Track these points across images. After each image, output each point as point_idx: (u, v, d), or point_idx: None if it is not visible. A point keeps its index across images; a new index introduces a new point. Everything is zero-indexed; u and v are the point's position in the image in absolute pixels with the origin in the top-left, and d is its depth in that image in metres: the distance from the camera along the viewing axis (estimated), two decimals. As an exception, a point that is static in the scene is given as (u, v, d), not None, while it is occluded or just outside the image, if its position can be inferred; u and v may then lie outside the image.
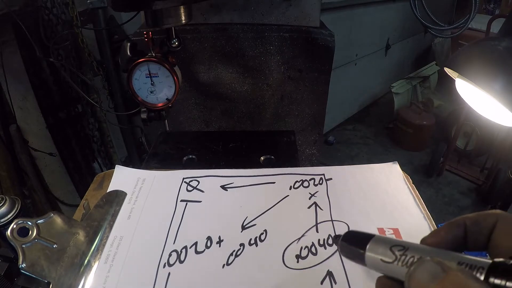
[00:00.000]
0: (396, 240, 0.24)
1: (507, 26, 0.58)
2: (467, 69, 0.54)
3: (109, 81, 1.52)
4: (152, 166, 0.60)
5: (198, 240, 0.42)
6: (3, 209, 0.40)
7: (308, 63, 0.90)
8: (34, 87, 1.34)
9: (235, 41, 0.87)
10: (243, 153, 0.63)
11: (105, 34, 1.42)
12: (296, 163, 0.60)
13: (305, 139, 1.03)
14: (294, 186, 0.51)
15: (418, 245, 0.24)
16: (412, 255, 0.22)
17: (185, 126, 1.01)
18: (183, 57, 0.88)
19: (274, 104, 0.97)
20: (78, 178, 1.63)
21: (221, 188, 0.51)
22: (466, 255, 0.20)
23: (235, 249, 0.41)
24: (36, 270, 0.36)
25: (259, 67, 0.91)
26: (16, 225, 0.37)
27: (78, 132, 1.60)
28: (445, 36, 1.03)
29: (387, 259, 0.24)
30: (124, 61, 0.58)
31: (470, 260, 0.19)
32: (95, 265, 0.39)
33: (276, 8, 0.86)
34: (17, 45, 1.26)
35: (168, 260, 0.40)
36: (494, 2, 3.21)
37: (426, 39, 3.38)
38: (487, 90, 0.51)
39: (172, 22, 0.52)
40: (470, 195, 2.13)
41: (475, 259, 0.19)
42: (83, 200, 0.48)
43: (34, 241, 0.38)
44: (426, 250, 0.23)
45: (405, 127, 2.51)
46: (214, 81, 0.93)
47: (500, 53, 0.52)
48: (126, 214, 0.46)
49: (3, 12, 1.11)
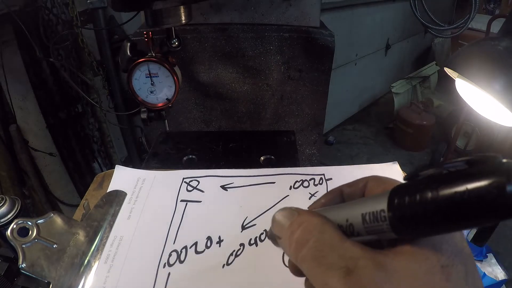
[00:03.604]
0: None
1: (507, 26, 0.58)
2: (467, 69, 0.54)
3: (109, 81, 1.52)
4: (152, 166, 0.60)
5: (198, 240, 0.42)
6: (3, 209, 0.40)
7: (308, 63, 0.90)
8: (34, 87, 1.35)
9: (235, 41, 0.87)
10: (243, 153, 0.63)
11: (105, 34, 1.42)
12: (296, 163, 0.60)
13: (305, 139, 1.03)
14: (294, 186, 0.51)
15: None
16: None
17: (185, 126, 1.01)
18: (183, 57, 0.88)
19: (274, 104, 0.97)
20: (78, 178, 1.63)
21: (221, 188, 0.51)
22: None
23: (235, 249, 0.41)
24: (36, 270, 0.36)
25: (259, 67, 0.91)
26: (16, 225, 0.37)
27: (78, 132, 1.60)
28: (445, 36, 1.03)
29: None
30: (124, 61, 0.58)
31: (370, 207, 0.20)
32: (95, 265, 0.39)
33: (276, 8, 0.86)
34: (17, 45, 1.26)
35: (168, 260, 0.40)
36: (494, 2, 3.21)
37: (426, 39, 3.38)
38: (487, 90, 0.51)
39: (172, 22, 0.52)
40: (470, 195, 2.13)
41: (374, 202, 0.20)
42: (83, 200, 0.48)
43: (34, 241, 0.38)
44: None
45: (405, 127, 2.51)
46: (214, 81, 0.93)
47: (500, 53, 0.52)
48: (126, 214, 0.46)
49: (3, 12, 1.11)
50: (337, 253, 0.19)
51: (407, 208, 0.18)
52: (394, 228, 0.18)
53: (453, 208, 0.16)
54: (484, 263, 1.08)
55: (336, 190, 0.27)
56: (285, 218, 0.23)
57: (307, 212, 0.23)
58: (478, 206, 0.15)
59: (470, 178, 0.16)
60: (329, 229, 0.20)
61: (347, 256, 0.19)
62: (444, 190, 0.16)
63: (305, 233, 0.21)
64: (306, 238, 0.21)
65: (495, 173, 0.15)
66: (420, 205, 0.17)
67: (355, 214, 0.21)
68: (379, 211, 0.19)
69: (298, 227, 0.21)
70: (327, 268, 0.19)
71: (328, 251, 0.19)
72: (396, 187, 0.19)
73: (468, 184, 0.16)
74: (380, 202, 0.19)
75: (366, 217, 0.20)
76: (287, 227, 0.22)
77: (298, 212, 0.23)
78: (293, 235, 0.21)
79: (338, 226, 0.21)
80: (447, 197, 0.16)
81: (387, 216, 0.19)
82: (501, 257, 1.28)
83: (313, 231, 0.21)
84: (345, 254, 0.19)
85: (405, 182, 0.19)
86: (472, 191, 0.15)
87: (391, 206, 0.19)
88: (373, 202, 0.20)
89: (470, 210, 0.16)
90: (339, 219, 0.22)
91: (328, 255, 0.19)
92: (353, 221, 0.21)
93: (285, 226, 0.23)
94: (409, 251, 0.19)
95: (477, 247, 1.07)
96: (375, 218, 0.19)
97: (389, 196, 0.19)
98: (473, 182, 0.15)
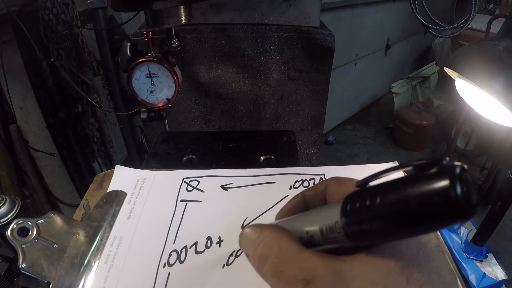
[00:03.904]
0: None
1: (507, 26, 0.58)
2: (467, 69, 0.54)
3: (109, 81, 1.52)
4: (152, 166, 0.60)
5: (198, 240, 0.42)
6: (3, 209, 0.40)
7: (308, 63, 0.90)
8: (34, 87, 1.35)
9: (235, 41, 0.87)
10: (243, 153, 0.63)
11: (105, 34, 1.42)
12: (296, 163, 0.60)
13: (305, 139, 1.03)
14: (294, 186, 0.51)
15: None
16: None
17: (185, 126, 1.01)
18: (183, 57, 0.88)
19: (274, 104, 0.97)
20: (78, 178, 1.63)
21: (221, 188, 0.51)
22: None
23: (235, 249, 0.41)
24: (36, 270, 0.36)
25: (259, 67, 0.91)
26: (16, 225, 0.37)
27: (78, 132, 1.60)
28: (445, 36, 1.03)
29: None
30: (124, 61, 0.58)
31: (326, 219, 0.21)
32: (95, 265, 0.39)
33: (276, 8, 0.86)
34: (17, 45, 1.26)
35: (168, 260, 0.40)
36: (494, 2, 3.21)
37: (426, 39, 3.38)
38: (487, 90, 0.51)
39: (172, 22, 0.52)
40: (470, 195, 2.13)
41: (329, 213, 0.21)
42: (83, 200, 0.48)
43: (34, 241, 0.38)
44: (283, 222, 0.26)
45: (405, 127, 2.51)
46: (214, 81, 0.93)
47: (500, 53, 0.52)
48: (126, 214, 0.46)
49: (3, 12, 1.11)
50: (296, 266, 0.19)
51: (358, 218, 0.18)
52: (349, 238, 0.19)
53: (400, 215, 0.16)
54: (484, 263, 1.08)
55: (298, 196, 0.28)
56: (249, 235, 0.24)
57: (269, 227, 0.23)
58: (424, 213, 0.15)
59: (415, 183, 0.15)
60: (287, 243, 0.21)
61: (306, 267, 0.19)
62: (389, 197, 0.16)
63: (265, 249, 0.22)
64: (266, 255, 0.21)
65: (440, 178, 0.15)
66: (369, 213, 0.17)
67: (314, 226, 0.21)
68: (334, 223, 0.20)
69: (259, 244, 0.22)
70: (286, 282, 0.19)
71: (286, 265, 0.20)
72: (348, 195, 0.20)
73: (415, 190, 0.15)
74: (335, 213, 0.20)
75: (323, 229, 0.21)
76: (251, 244, 0.23)
77: (260, 228, 0.23)
78: (256, 252, 0.22)
79: (299, 237, 0.22)
80: (393, 205, 0.16)
81: (341, 227, 0.19)
82: (501, 257, 1.28)
83: (273, 247, 0.21)
84: (303, 266, 0.19)
85: (357, 189, 0.20)
86: (418, 197, 0.15)
87: (344, 216, 0.19)
88: (329, 213, 0.20)
89: (416, 217, 0.15)
90: (300, 232, 0.22)
91: (286, 271, 0.20)
92: (313, 233, 0.21)
93: (250, 243, 0.23)
94: (367, 254, 0.19)
95: (477, 247, 1.07)
96: (331, 230, 0.20)
97: (341, 206, 0.19)
98: (419, 188, 0.15)
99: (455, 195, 0.14)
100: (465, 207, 0.14)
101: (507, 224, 1.86)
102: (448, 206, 0.14)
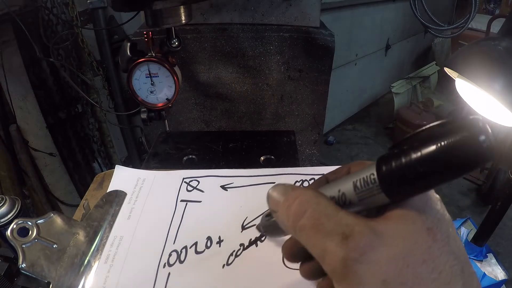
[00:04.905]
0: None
1: (507, 26, 0.58)
2: (467, 69, 0.54)
3: (109, 81, 1.52)
4: (152, 166, 0.60)
5: (198, 240, 0.42)
6: (3, 209, 0.40)
7: (308, 63, 0.90)
8: (34, 87, 1.35)
9: (235, 41, 0.87)
10: (243, 153, 0.63)
11: (105, 34, 1.42)
12: (296, 163, 0.60)
13: (305, 139, 1.03)
14: (294, 186, 0.51)
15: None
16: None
17: (185, 126, 1.01)
18: (183, 57, 0.88)
19: (274, 104, 0.97)
20: (78, 178, 1.63)
21: (221, 188, 0.51)
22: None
23: (235, 249, 0.41)
24: (36, 270, 0.36)
25: (259, 67, 0.91)
26: (16, 225, 0.37)
27: (78, 132, 1.60)
28: (445, 36, 1.03)
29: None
30: (124, 61, 0.58)
31: (360, 175, 0.22)
32: (95, 265, 0.39)
33: (276, 8, 0.86)
34: (17, 45, 1.26)
35: (168, 260, 0.40)
36: (494, 2, 3.21)
37: (426, 39, 3.38)
38: (487, 90, 0.51)
39: (172, 22, 0.52)
40: (470, 195, 2.13)
41: (363, 171, 0.22)
42: (83, 200, 0.48)
43: (34, 241, 0.38)
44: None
45: (405, 127, 2.51)
46: (214, 81, 0.93)
47: (500, 53, 0.52)
48: (126, 214, 0.46)
49: (3, 12, 1.11)
50: (334, 221, 0.20)
51: (393, 165, 0.19)
52: (384, 188, 0.20)
53: (435, 158, 0.18)
54: (484, 263, 1.08)
55: (322, 179, 0.29)
56: (280, 193, 0.24)
57: (300, 187, 0.24)
58: (457, 154, 0.17)
59: (445, 135, 0.18)
60: (324, 200, 0.22)
61: (343, 223, 0.20)
62: (426, 145, 0.18)
63: (302, 205, 0.22)
64: (303, 209, 0.22)
65: (468, 126, 0.17)
66: (405, 160, 0.19)
67: (347, 183, 0.22)
68: (368, 175, 0.21)
69: (294, 200, 0.23)
70: (325, 234, 0.20)
71: (325, 219, 0.21)
72: (381, 156, 0.21)
73: (445, 138, 0.17)
74: (369, 169, 0.21)
75: (357, 184, 0.21)
76: (283, 201, 0.24)
77: (292, 187, 0.24)
78: (290, 208, 0.23)
79: (331, 198, 0.23)
80: (428, 151, 0.18)
81: (376, 178, 0.20)
82: (501, 257, 1.28)
83: (309, 202, 0.22)
84: (341, 221, 0.20)
85: (387, 153, 0.21)
86: (449, 143, 0.17)
87: (380, 167, 0.20)
88: (362, 171, 0.22)
89: (449, 159, 0.17)
90: (331, 192, 0.23)
91: (325, 223, 0.20)
92: (345, 190, 0.22)
93: (281, 201, 0.24)
94: (397, 215, 0.20)
95: (477, 247, 1.07)
96: (365, 183, 0.21)
97: (376, 162, 0.21)
98: (449, 136, 0.17)
99: (484, 138, 0.17)
100: (490, 149, 0.17)
101: (507, 224, 1.86)
102: (479, 147, 0.17)
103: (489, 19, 1.70)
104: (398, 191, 0.20)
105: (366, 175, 0.21)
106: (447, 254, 0.19)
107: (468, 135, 0.17)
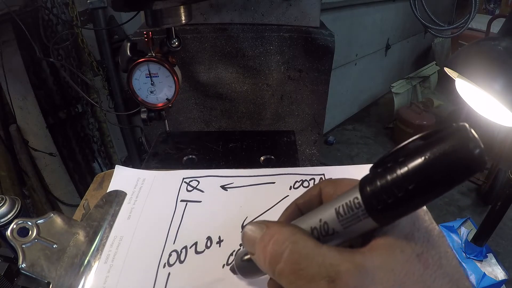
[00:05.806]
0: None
1: (507, 26, 0.58)
2: (467, 69, 0.54)
3: (109, 81, 1.52)
4: (152, 166, 0.60)
5: (198, 240, 0.42)
6: (3, 209, 0.40)
7: (308, 63, 0.90)
8: (34, 87, 1.35)
9: (235, 41, 0.87)
10: (243, 153, 0.63)
11: (105, 34, 1.42)
12: (296, 163, 0.60)
13: (305, 139, 1.03)
14: (294, 186, 0.51)
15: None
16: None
17: (185, 126, 1.01)
18: (183, 57, 0.88)
19: (274, 104, 0.97)
20: (78, 178, 1.63)
21: (221, 188, 0.51)
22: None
23: (235, 249, 0.41)
24: (36, 270, 0.36)
25: (259, 67, 0.91)
26: (16, 225, 0.37)
27: (78, 132, 1.60)
28: (445, 36, 1.03)
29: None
30: (124, 61, 0.58)
31: (342, 200, 0.20)
32: (95, 265, 0.39)
33: (276, 8, 0.86)
34: (17, 45, 1.26)
35: (168, 260, 0.40)
36: (494, 2, 3.21)
37: (426, 39, 3.38)
38: (487, 90, 0.51)
39: (172, 22, 0.52)
40: (470, 195, 2.13)
41: (344, 195, 0.20)
42: (83, 200, 0.48)
43: (34, 241, 0.38)
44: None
45: (405, 127, 2.51)
46: (214, 81, 0.93)
47: (500, 53, 0.52)
48: (126, 214, 0.46)
49: (3, 12, 1.11)
50: (316, 262, 0.19)
51: (378, 185, 0.18)
52: (370, 212, 0.18)
53: (424, 172, 0.16)
54: (484, 263, 1.08)
55: (290, 206, 0.27)
56: (254, 232, 0.22)
57: (276, 223, 0.22)
58: (447, 164, 0.16)
59: (433, 145, 0.16)
60: (302, 237, 0.20)
61: (327, 263, 0.18)
62: (412, 159, 0.17)
63: (278, 246, 0.20)
64: (280, 251, 0.20)
65: (455, 134, 0.16)
66: (391, 178, 0.17)
67: (328, 210, 0.21)
68: (352, 199, 0.19)
69: (270, 239, 0.21)
70: (308, 280, 0.18)
71: (306, 262, 0.19)
72: (364, 177, 0.19)
73: (433, 150, 0.16)
74: (352, 192, 0.19)
75: (340, 210, 0.20)
76: (258, 241, 0.22)
77: (266, 225, 0.22)
78: (266, 249, 0.21)
79: (311, 230, 0.21)
80: (416, 164, 0.17)
81: (361, 201, 0.19)
82: (501, 257, 1.28)
83: (285, 242, 0.20)
84: (324, 262, 0.19)
85: (369, 173, 0.20)
86: (438, 154, 0.16)
87: (363, 189, 0.19)
88: (344, 195, 0.20)
89: (440, 170, 0.16)
90: (312, 222, 0.21)
91: (307, 267, 0.19)
92: (327, 219, 0.20)
93: (256, 241, 0.22)
94: (383, 245, 0.19)
95: (477, 247, 1.07)
96: (349, 208, 0.19)
97: (359, 183, 0.19)
98: (437, 147, 0.16)
99: (475, 145, 0.16)
100: (482, 155, 0.16)
101: (507, 224, 1.86)
102: (470, 154, 0.16)
103: (489, 19, 1.70)
104: (386, 214, 0.18)
105: (349, 200, 0.19)
106: (440, 278, 0.18)
107: (457, 143, 0.16)
